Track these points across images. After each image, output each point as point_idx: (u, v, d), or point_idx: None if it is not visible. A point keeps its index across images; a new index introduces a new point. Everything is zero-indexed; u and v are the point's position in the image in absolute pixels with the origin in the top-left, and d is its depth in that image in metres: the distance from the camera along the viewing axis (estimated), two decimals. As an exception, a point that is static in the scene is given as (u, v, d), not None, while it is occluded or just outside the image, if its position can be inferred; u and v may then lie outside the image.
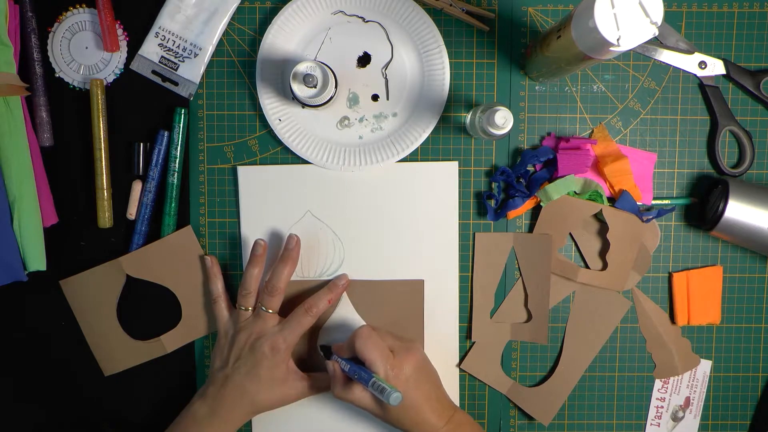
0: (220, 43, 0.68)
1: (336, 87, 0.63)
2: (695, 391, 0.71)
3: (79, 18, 0.67)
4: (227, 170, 0.69)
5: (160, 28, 0.67)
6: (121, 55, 0.68)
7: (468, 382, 0.70)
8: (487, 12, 0.67)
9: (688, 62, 0.68)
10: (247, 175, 0.68)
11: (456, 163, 0.68)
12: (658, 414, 0.71)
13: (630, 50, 0.62)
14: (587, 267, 0.69)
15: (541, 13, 0.68)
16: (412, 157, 0.68)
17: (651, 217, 0.67)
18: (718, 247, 0.70)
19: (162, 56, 0.67)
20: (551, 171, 0.67)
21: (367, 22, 0.67)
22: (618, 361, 0.70)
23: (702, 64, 0.68)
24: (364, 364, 0.61)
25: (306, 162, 0.68)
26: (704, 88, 0.68)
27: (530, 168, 0.68)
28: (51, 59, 0.67)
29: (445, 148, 0.69)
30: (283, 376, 0.64)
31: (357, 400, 0.61)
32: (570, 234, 0.69)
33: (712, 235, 0.67)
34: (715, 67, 0.68)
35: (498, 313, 0.69)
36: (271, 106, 0.67)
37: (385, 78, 0.67)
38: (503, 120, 0.57)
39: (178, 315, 0.69)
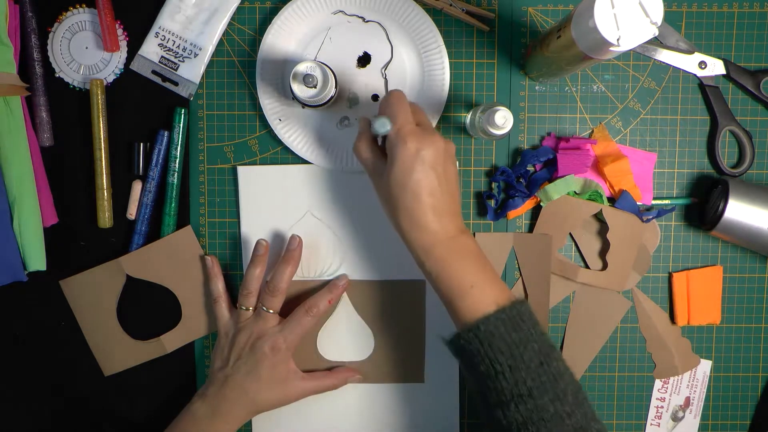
0: (220, 43, 0.68)
1: (336, 87, 0.63)
2: (695, 391, 0.71)
3: (79, 18, 0.67)
4: (227, 170, 0.69)
5: (160, 28, 0.67)
6: (121, 55, 0.68)
7: (468, 382, 0.71)
8: (487, 12, 0.67)
9: (688, 62, 0.68)
10: (247, 175, 0.68)
11: (456, 163, 0.68)
12: (658, 414, 0.71)
13: (630, 50, 0.62)
14: (587, 267, 0.69)
15: (541, 13, 0.68)
16: (412, 157, 0.68)
17: (651, 217, 0.67)
18: (718, 247, 0.70)
19: (162, 56, 0.67)
20: (551, 171, 0.67)
21: (367, 22, 0.67)
22: (618, 361, 0.70)
23: (702, 64, 0.68)
24: None
25: (306, 162, 0.68)
26: (704, 88, 0.68)
27: (530, 168, 0.68)
28: (51, 59, 0.67)
29: (445, 148, 0.69)
30: (284, 376, 0.64)
31: (359, 151, 0.57)
32: (570, 234, 0.69)
33: (712, 235, 0.67)
34: (715, 67, 0.68)
35: (498, 313, 0.69)
36: (271, 106, 0.67)
37: (385, 78, 0.67)
38: (503, 120, 0.57)
39: (178, 315, 0.69)
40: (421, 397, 0.70)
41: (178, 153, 0.67)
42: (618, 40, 0.48)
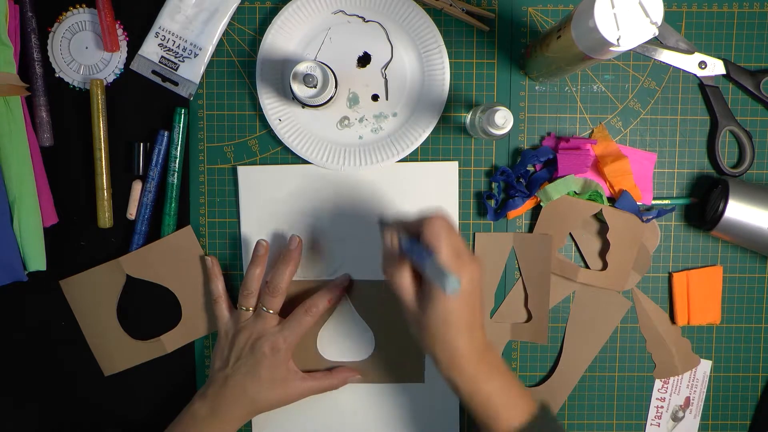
0: (220, 43, 0.68)
1: (336, 87, 0.63)
2: (695, 391, 0.71)
3: (79, 18, 0.67)
4: (227, 170, 0.69)
5: (160, 28, 0.67)
6: (121, 55, 0.68)
7: (468, 382, 0.70)
8: (487, 12, 0.67)
9: (688, 62, 0.68)
10: (247, 175, 0.68)
11: (456, 163, 0.68)
12: (658, 414, 0.71)
13: (630, 50, 0.62)
14: (587, 267, 0.69)
15: (541, 13, 0.68)
16: (412, 157, 0.68)
17: (651, 217, 0.67)
18: (718, 247, 0.70)
19: (162, 56, 0.67)
20: (551, 171, 0.67)
21: (367, 22, 0.67)
22: (618, 361, 0.70)
23: (702, 64, 0.68)
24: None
25: (306, 162, 0.68)
26: (704, 88, 0.68)
27: (530, 168, 0.68)
28: (51, 59, 0.67)
29: (445, 148, 0.69)
30: (284, 376, 0.64)
31: (401, 283, 0.55)
32: (570, 234, 0.69)
33: (712, 235, 0.67)
34: (715, 67, 0.68)
35: (498, 313, 0.69)
36: (271, 106, 0.67)
37: (385, 78, 0.67)
38: (503, 120, 0.57)
39: (178, 315, 0.69)
40: (421, 397, 0.70)
41: (178, 153, 0.67)
42: (618, 40, 0.48)
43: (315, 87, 0.60)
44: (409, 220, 0.57)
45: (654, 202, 0.69)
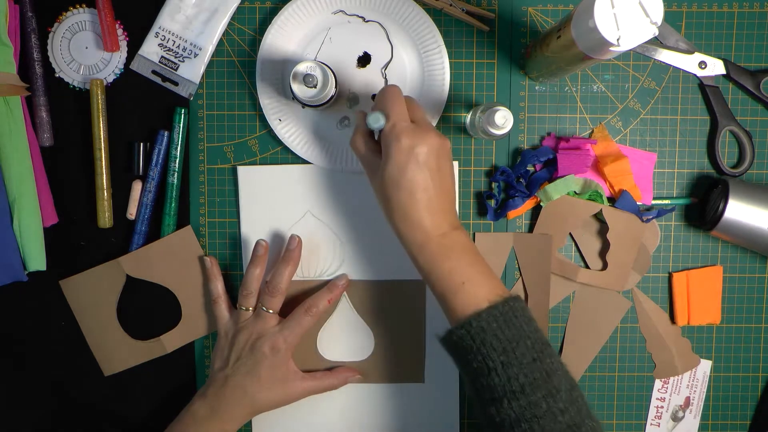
0: (220, 43, 0.68)
1: (336, 87, 0.63)
2: (695, 391, 0.71)
3: (79, 18, 0.67)
4: (227, 170, 0.69)
5: (160, 28, 0.67)
6: (121, 55, 0.68)
7: (468, 382, 0.70)
8: (487, 12, 0.67)
9: (688, 62, 0.68)
10: (247, 175, 0.68)
11: (456, 163, 0.68)
12: (658, 414, 0.71)
13: (630, 50, 0.62)
14: (587, 267, 0.69)
15: (541, 13, 0.68)
16: (412, 157, 0.68)
17: (651, 217, 0.67)
18: (718, 247, 0.70)
19: (162, 56, 0.67)
20: (551, 171, 0.67)
21: (367, 22, 0.67)
22: (618, 361, 0.70)
23: (702, 64, 0.68)
24: None
25: (306, 162, 0.68)
26: (704, 88, 0.68)
27: (530, 168, 0.68)
28: (51, 59, 0.67)
29: (445, 148, 0.69)
30: (283, 376, 0.64)
31: (360, 150, 0.58)
32: (570, 234, 0.69)
33: (712, 235, 0.67)
34: (715, 67, 0.68)
35: (498, 313, 0.69)
36: (271, 106, 0.67)
37: (385, 78, 0.67)
38: (503, 120, 0.57)
39: (178, 315, 0.69)
40: (421, 397, 0.70)
41: (178, 153, 0.67)
42: (618, 40, 0.48)
43: (315, 87, 0.60)
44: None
45: (654, 202, 0.69)
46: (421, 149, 0.54)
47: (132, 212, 0.68)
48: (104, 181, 0.67)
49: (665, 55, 0.68)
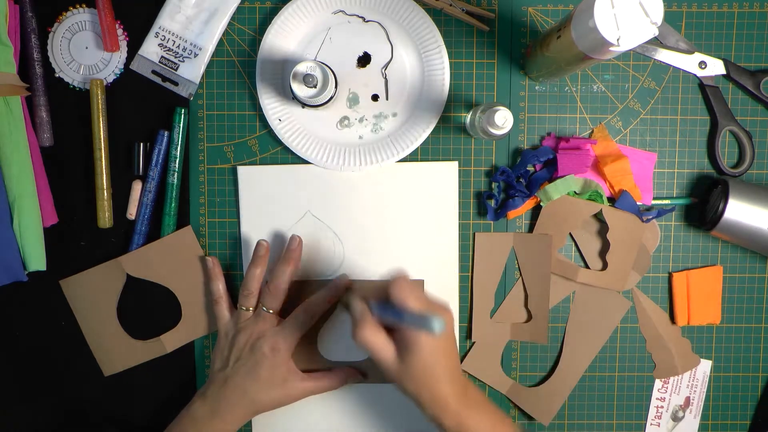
0: (220, 43, 0.68)
1: (336, 87, 0.63)
2: (695, 391, 0.71)
3: (79, 18, 0.67)
4: (227, 170, 0.69)
5: (160, 28, 0.67)
6: (121, 55, 0.68)
7: (468, 382, 0.70)
8: (487, 12, 0.67)
9: (688, 62, 0.68)
10: (247, 175, 0.68)
11: (456, 163, 0.68)
12: (658, 414, 0.71)
13: (630, 50, 0.62)
14: (587, 267, 0.69)
15: (541, 13, 0.68)
16: (412, 157, 0.68)
17: (651, 217, 0.67)
18: (718, 247, 0.70)
19: (162, 56, 0.67)
20: (551, 171, 0.67)
21: (367, 22, 0.67)
22: (618, 361, 0.70)
23: (702, 64, 0.68)
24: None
25: (306, 162, 0.68)
26: (704, 88, 0.68)
27: (530, 168, 0.68)
28: (51, 59, 0.67)
29: (445, 148, 0.69)
30: (283, 376, 0.64)
31: (379, 343, 0.56)
32: (570, 234, 0.69)
33: (712, 235, 0.67)
34: (715, 67, 0.68)
35: (498, 313, 0.69)
36: (271, 106, 0.67)
37: (385, 78, 0.67)
38: (503, 120, 0.57)
39: (178, 315, 0.69)
40: (421, 397, 0.70)
41: (178, 153, 0.67)
42: (618, 40, 0.48)
43: (315, 87, 0.60)
44: (370, 287, 0.62)
45: (654, 202, 0.69)
46: (450, 341, 0.57)
47: (132, 212, 0.68)
48: (104, 181, 0.67)
49: (665, 55, 0.68)
